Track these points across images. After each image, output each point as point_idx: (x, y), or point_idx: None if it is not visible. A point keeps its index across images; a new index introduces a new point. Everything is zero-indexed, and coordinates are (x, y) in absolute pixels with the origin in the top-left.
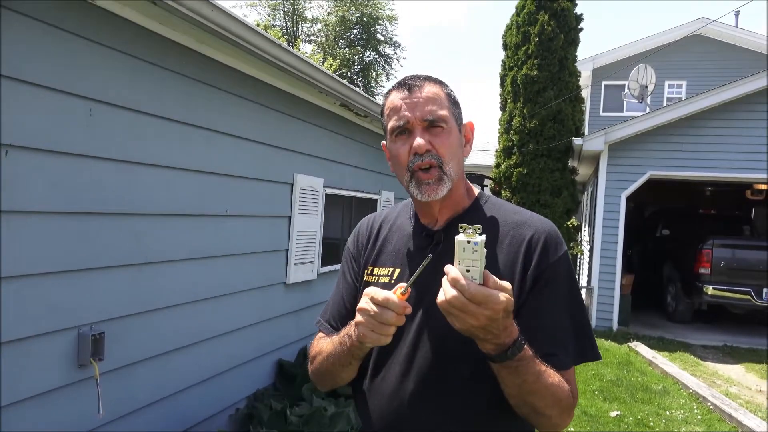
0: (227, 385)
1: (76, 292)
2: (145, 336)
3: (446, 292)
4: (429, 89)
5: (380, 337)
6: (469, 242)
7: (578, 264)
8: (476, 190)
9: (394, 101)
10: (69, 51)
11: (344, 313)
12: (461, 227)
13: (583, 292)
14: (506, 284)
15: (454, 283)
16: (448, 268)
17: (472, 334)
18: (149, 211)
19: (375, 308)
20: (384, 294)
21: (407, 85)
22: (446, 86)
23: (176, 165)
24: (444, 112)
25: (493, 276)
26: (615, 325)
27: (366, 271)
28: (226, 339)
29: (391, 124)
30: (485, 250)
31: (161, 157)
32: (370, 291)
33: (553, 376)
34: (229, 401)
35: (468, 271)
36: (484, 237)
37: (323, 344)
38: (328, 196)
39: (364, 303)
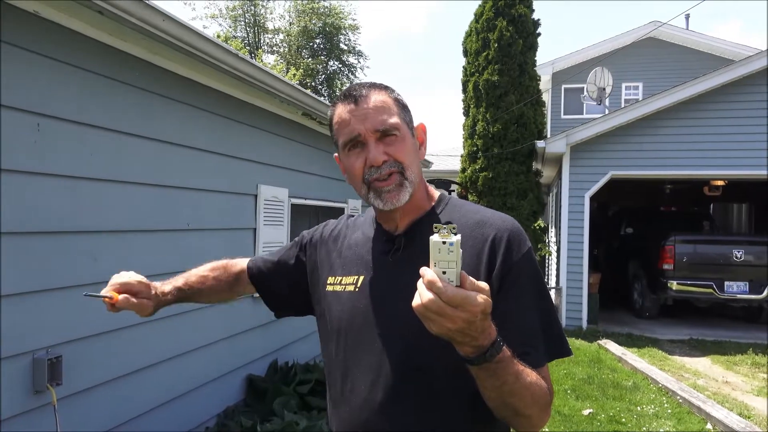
0: (195, 404)
1: (28, 316)
2: (106, 358)
3: (422, 296)
4: (376, 98)
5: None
6: (444, 243)
7: (546, 264)
8: (436, 192)
9: (342, 115)
10: (13, 64)
11: (265, 269)
12: (435, 227)
13: (552, 292)
14: (484, 285)
15: (431, 286)
16: (423, 270)
17: (449, 338)
18: (104, 228)
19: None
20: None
21: (353, 96)
22: (392, 91)
23: (132, 179)
24: (395, 119)
25: (470, 277)
26: (584, 324)
27: (334, 280)
28: (192, 356)
29: (343, 139)
30: (461, 251)
31: (115, 172)
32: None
33: (530, 374)
34: (197, 420)
35: (444, 272)
36: (459, 237)
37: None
38: (293, 206)
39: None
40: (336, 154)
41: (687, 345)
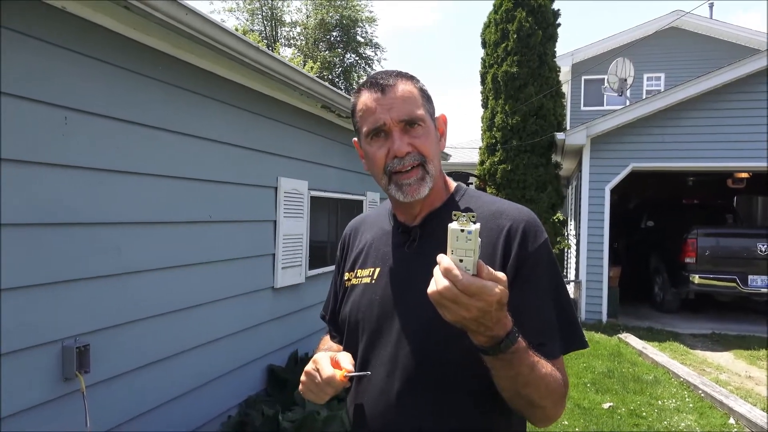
0: (218, 393)
1: (57, 305)
2: (132, 346)
3: (438, 282)
4: (402, 88)
5: (317, 399)
6: (462, 231)
7: (566, 258)
8: (453, 183)
9: (367, 103)
10: (41, 59)
11: (332, 307)
12: (455, 215)
13: (572, 285)
14: (501, 276)
15: (446, 273)
16: (440, 257)
17: (463, 326)
18: (129, 220)
19: (318, 380)
20: (328, 373)
21: (379, 84)
22: (418, 81)
23: (155, 172)
24: (420, 111)
25: (488, 266)
26: (604, 318)
27: (351, 274)
28: (214, 346)
29: (366, 127)
30: (479, 240)
31: (140, 165)
32: (319, 361)
33: (546, 366)
34: (220, 409)
35: (461, 261)
36: (478, 226)
37: (321, 345)
38: (313, 198)
39: (311, 368)
40: (355, 139)
41: (709, 339)
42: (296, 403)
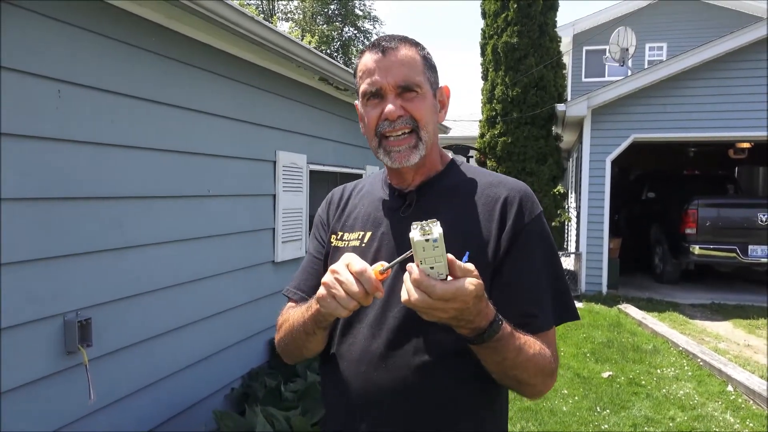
0: (221, 366)
1: (58, 279)
2: (133, 320)
3: (410, 294)
4: (404, 52)
5: (338, 306)
6: (428, 241)
7: (566, 230)
8: (449, 157)
9: (368, 63)
10: (32, 31)
11: (312, 281)
12: (414, 225)
13: (572, 257)
14: (471, 267)
15: (418, 285)
16: (411, 267)
17: (444, 323)
18: (128, 194)
19: (348, 276)
20: (361, 266)
21: (381, 47)
22: (422, 48)
23: (152, 146)
24: (418, 77)
25: (457, 261)
26: (604, 289)
27: (335, 236)
28: (216, 320)
29: (363, 87)
30: (444, 242)
31: (136, 139)
32: (349, 257)
33: (533, 345)
34: (223, 381)
35: (432, 267)
36: (441, 229)
37: (291, 312)
38: (312, 172)
39: (337, 266)
40: (356, 102)
41: (708, 309)
42: (298, 375)
